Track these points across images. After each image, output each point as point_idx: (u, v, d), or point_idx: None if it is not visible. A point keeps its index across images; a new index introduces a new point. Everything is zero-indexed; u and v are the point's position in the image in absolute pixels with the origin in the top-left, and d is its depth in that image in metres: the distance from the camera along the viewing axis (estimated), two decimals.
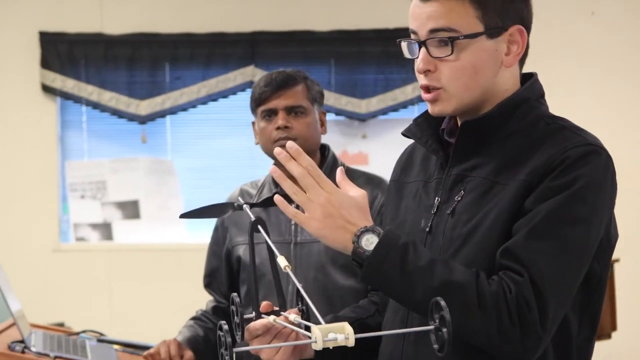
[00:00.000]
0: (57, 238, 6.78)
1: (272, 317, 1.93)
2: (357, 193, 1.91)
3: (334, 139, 6.60)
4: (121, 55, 6.75)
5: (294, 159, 1.90)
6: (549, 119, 2.01)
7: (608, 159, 1.93)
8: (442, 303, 1.57)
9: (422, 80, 2.00)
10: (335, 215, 1.86)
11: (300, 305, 2.00)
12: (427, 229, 2.01)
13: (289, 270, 1.83)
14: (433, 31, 1.95)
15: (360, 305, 2.36)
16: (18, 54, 6.71)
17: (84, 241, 6.85)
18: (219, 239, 3.23)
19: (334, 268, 3.01)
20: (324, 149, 3.19)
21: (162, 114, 6.81)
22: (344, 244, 1.87)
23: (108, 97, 6.75)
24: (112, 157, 6.88)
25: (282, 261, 1.87)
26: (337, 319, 2.24)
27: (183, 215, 2.13)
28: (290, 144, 1.89)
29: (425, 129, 2.09)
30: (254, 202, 3.14)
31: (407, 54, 2.03)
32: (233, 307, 1.92)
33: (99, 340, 3.29)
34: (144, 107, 6.78)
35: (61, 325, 5.96)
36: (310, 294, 2.95)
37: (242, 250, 3.13)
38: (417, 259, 1.84)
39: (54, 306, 6.58)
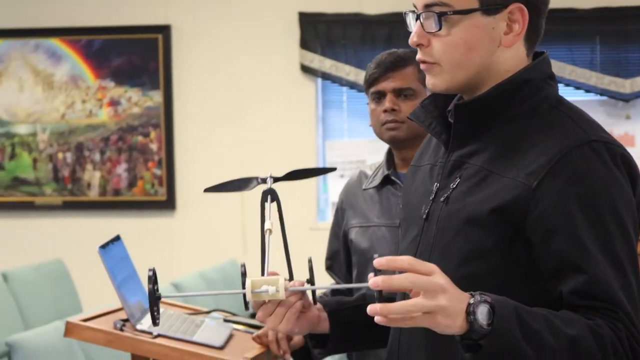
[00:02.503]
0: (315, 217, 6.89)
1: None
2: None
3: (598, 120, 6.20)
4: (379, 35, 6.73)
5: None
6: (554, 101, 1.88)
7: (613, 150, 1.80)
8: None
9: (418, 54, 1.92)
10: (454, 299, 1.62)
11: (309, 277, 1.92)
12: (424, 216, 1.93)
13: (267, 235, 1.81)
14: (427, 6, 1.86)
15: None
16: (278, 35, 6.87)
17: None
18: (339, 220, 3.21)
19: None
20: None
21: None
22: (461, 325, 1.62)
23: None
24: (371, 137, 6.86)
25: (266, 224, 1.85)
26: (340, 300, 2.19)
27: (207, 190, 2.07)
28: (373, 282, 1.59)
29: (431, 111, 2.00)
30: (368, 184, 3.09)
31: (409, 28, 1.95)
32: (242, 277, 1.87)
33: (226, 320, 3.29)
34: None
35: None
36: None
37: (354, 233, 3.08)
38: (532, 321, 1.67)
39: None
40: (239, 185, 2.07)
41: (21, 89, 7.07)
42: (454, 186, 1.87)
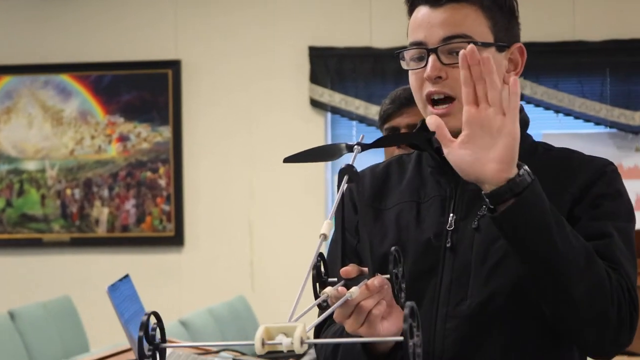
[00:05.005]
0: (324, 251, 6.81)
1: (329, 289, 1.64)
2: None
3: (608, 152, 6.37)
4: (389, 68, 6.70)
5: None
6: (545, 144, 2.00)
7: None
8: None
9: (428, 87, 1.88)
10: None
11: (394, 267, 1.70)
12: (448, 245, 1.91)
13: (319, 241, 1.50)
14: (447, 39, 1.87)
15: None
16: (288, 70, 6.85)
17: None
18: None
19: None
20: None
21: None
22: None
23: (375, 112, 6.71)
24: None
25: (323, 227, 1.52)
26: None
27: (287, 160, 1.81)
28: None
29: (427, 148, 1.99)
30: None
31: (404, 66, 1.93)
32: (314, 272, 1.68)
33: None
34: None
35: None
36: None
37: None
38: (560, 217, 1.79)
39: None
40: (324, 154, 1.82)
41: (30, 125, 7.05)
42: (481, 213, 1.86)
